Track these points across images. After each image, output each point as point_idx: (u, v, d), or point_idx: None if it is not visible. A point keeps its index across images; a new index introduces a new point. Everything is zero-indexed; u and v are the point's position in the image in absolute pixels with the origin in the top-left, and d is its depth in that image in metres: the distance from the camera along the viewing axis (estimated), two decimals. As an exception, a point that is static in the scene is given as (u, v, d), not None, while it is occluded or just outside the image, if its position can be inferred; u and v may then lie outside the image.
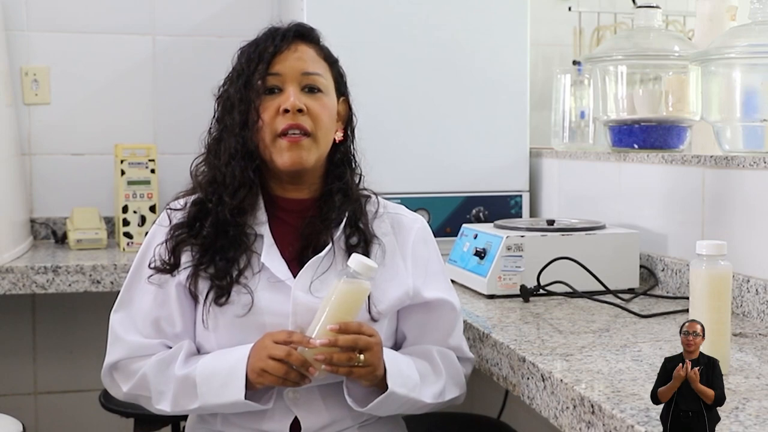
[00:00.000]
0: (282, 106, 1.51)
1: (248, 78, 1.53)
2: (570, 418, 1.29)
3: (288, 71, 1.53)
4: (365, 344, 1.41)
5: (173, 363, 1.49)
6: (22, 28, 2.93)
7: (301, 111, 1.51)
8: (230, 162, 1.52)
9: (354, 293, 1.42)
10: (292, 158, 1.51)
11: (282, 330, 1.45)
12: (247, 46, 1.58)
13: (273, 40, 1.55)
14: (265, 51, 1.54)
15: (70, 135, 2.98)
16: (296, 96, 1.52)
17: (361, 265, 1.41)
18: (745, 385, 1.30)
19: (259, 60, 1.53)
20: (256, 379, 1.43)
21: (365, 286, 1.42)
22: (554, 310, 1.85)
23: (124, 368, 1.54)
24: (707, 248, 1.36)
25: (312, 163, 1.54)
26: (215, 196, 1.52)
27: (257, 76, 1.52)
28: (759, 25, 1.91)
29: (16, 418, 2.01)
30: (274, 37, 1.55)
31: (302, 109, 1.51)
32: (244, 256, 1.51)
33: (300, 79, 1.54)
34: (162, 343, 1.53)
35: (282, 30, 1.56)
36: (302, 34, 1.58)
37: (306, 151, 1.52)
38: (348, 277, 1.41)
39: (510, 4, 2.65)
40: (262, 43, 1.55)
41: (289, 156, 1.51)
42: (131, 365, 1.53)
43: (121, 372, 1.55)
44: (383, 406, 1.48)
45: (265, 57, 1.53)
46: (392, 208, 1.65)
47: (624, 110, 2.35)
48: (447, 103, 2.62)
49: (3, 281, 2.40)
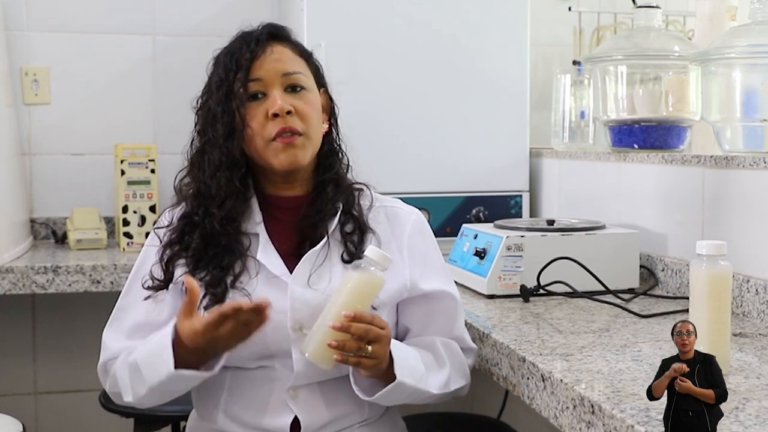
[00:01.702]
0: (270, 111, 1.50)
1: (229, 88, 1.51)
2: (570, 418, 1.29)
3: (268, 75, 1.52)
4: (375, 336, 1.40)
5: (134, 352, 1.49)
6: (22, 28, 2.93)
7: (290, 112, 1.51)
8: (215, 174, 1.51)
9: (369, 283, 1.42)
10: (288, 159, 1.51)
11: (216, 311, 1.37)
12: (221, 54, 1.56)
13: (248, 45, 1.53)
14: (242, 58, 1.52)
15: (70, 135, 2.98)
16: (282, 98, 1.51)
17: (379, 255, 1.41)
18: (745, 385, 1.30)
19: (237, 68, 1.51)
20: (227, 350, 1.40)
21: (380, 277, 1.42)
22: (554, 310, 1.85)
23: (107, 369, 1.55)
24: (707, 248, 1.36)
25: (308, 161, 1.55)
26: (201, 208, 1.52)
27: (238, 85, 1.51)
28: (759, 25, 1.91)
29: (16, 418, 2.01)
30: (248, 43, 1.53)
31: (290, 110, 1.51)
32: (240, 261, 1.51)
33: (281, 80, 1.53)
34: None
35: (255, 34, 1.55)
36: (275, 34, 1.57)
37: (301, 149, 1.52)
38: (364, 268, 1.42)
39: (510, 4, 2.65)
40: (237, 51, 1.53)
41: (286, 157, 1.51)
42: (111, 366, 1.54)
43: (103, 373, 1.56)
44: (390, 396, 1.48)
45: (243, 64, 1.51)
46: (388, 201, 1.65)
47: (624, 110, 2.35)
48: (447, 103, 2.62)
49: (3, 281, 2.40)
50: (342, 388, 1.51)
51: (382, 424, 1.61)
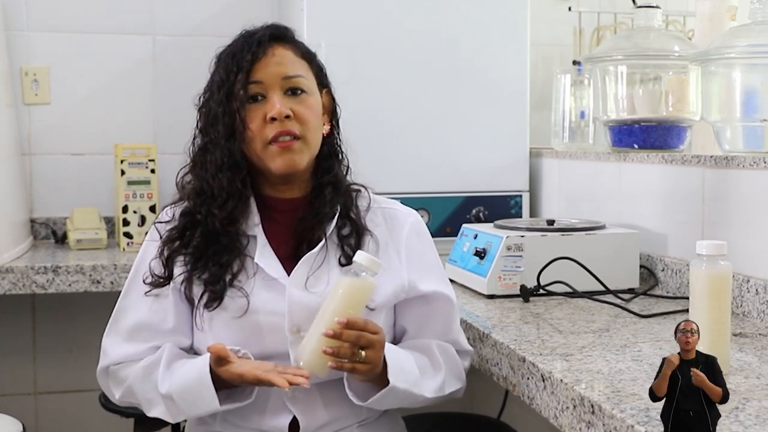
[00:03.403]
0: (268, 115, 1.50)
1: (229, 89, 1.51)
2: (570, 418, 1.29)
3: (269, 78, 1.52)
4: (368, 341, 1.40)
5: (156, 370, 1.50)
6: (22, 28, 2.92)
7: (288, 117, 1.50)
8: (217, 174, 1.51)
9: (360, 289, 1.42)
10: (285, 162, 1.51)
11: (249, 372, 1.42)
12: (223, 54, 1.55)
13: (249, 46, 1.52)
14: (243, 59, 1.51)
15: (70, 135, 2.98)
16: (281, 102, 1.51)
17: (368, 260, 1.41)
18: (745, 385, 1.30)
19: (238, 69, 1.51)
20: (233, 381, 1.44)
21: (371, 281, 1.42)
22: (554, 310, 1.85)
23: (114, 374, 1.55)
24: (707, 248, 1.36)
25: (305, 165, 1.54)
26: (203, 207, 1.52)
27: (239, 86, 1.50)
28: (759, 25, 1.91)
29: (16, 418, 2.01)
30: (250, 44, 1.52)
31: (289, 114, 1.50)
32: (238, 260, 1.51)
33: (282, 83, 1.52)
34: (152, 347, 1.53)
35: (257, 35, 1.54)
36: (277, 35, 1.56)
37: (298, 154, 1.52)
38: (354, 273, 1.42)
39: (510, 4, 2.65)
40: (239, 52, 1.52)
41: (282, 161, 1.51)
42: (120, 372, 1.54)
43: (113, 378, 1.56)
44: (384, 401, 1.48)
45: (244, 66, 1.51)
46: (385, 203, 1.64)
47: (624, 110, 2.35)
48: (447, 102, 2.62)
49: (3, 281, 2.40)
50: (340, 388, 1.51)
51: (381, 425, 1.61)
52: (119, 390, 1.55)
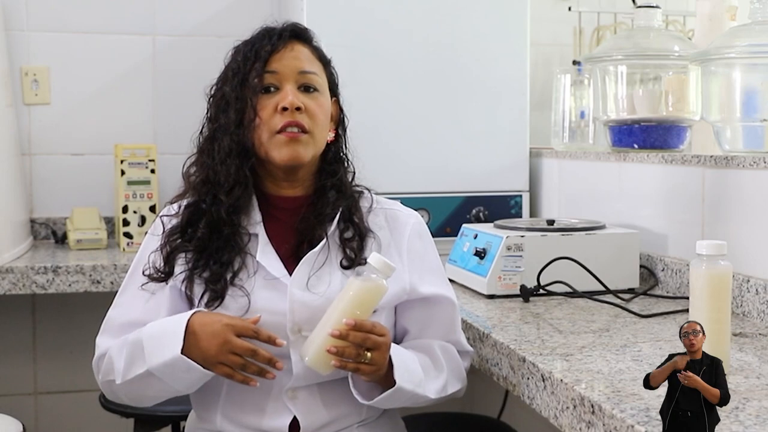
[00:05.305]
0: (280, 105, 1.52)
1: (244, 76, 1.53)
2: (570, 418, 1.29)
3: (285, 69, 1.54)
4: (374, 343, 1.40)
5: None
6: (22, 28, 2.93)
7: (299, 109, 1.52)
8: (225, 160, 1.52)
9: (370, 292, 1.42)
10: (289, 153, 1.52)
11: (245, 324, 1.42)
12: (242, 44, 1.58)
13: (269, 39, 1.55)
14: (262, 49, 1.54)
15: (70, 135, 2.98)
16: (294, 94, 1.52)
17: (381, 263, 1.41)
18: (745, 385, 1.30)
19: (255, 58, 1.53)
20: (212, 368, 1.42)
21: (382, 285, 1.42)
22: (554, 310, 1.85)
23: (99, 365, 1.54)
24: (707, 248, 1.36)
25: (308, 159, 1.55)
26: (209, 195, 1.52)
27: (254, 74, 1.52)
28: (759, 25, 1.91)
29: (16, 418, 2.01)
30: (270, 36, 1.55)
31: (300, 107, 1.52)
32: (239, 258, 1.51)
33: (297, 77, 1.54)
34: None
35: (278, 29, 1.57)
36: (297, 33, 1.59)
37: (303, 146, 1.53)
38: (366, 275, 1.42)
39: (510, 5, 2.65)
40: (258, 42, 1.55)
41: (287, 151, 1.52)
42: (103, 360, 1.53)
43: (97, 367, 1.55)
44: (389, 401, 1.48)
45: (261, 55, 1.53)
46: (387, 204, 1.65)
47: (624, 110, 2.35)
48: (447, 103, 2.62)
49: (3, 281, 2.40)
50: (341, 388, 1.51)
51: (381, 425, 1.61)
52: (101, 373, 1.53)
